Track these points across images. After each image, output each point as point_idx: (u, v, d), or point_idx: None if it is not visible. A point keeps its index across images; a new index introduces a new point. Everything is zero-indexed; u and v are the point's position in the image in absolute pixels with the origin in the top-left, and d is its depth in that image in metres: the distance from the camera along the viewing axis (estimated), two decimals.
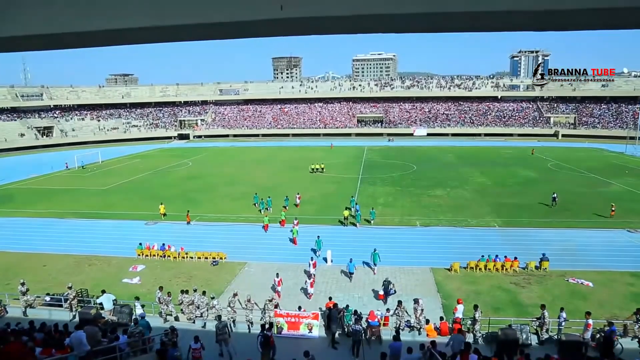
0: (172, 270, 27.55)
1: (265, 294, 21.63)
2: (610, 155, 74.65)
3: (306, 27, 5.49)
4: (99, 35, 5.57)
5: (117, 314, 18.65)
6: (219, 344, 16.32)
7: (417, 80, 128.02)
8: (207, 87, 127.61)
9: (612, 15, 4.75)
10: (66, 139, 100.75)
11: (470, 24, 5.40)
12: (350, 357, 16.59)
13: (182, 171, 64.73)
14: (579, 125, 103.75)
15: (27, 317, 18.55)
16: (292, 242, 31.77)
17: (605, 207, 37.90)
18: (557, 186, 47.89)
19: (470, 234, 33.83)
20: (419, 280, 25.22)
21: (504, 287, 24.37)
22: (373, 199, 44.69)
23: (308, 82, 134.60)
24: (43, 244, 32.32)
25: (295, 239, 31.64)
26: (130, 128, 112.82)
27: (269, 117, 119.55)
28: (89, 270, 27.61)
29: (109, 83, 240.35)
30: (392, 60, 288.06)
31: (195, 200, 45.12)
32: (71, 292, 20.35)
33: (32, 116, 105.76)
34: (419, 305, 18.71)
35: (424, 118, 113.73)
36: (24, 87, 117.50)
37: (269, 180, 56.06)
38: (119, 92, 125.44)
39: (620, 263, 27.08)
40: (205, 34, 5.80)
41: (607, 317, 19.35)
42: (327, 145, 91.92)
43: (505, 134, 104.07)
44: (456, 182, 52.75)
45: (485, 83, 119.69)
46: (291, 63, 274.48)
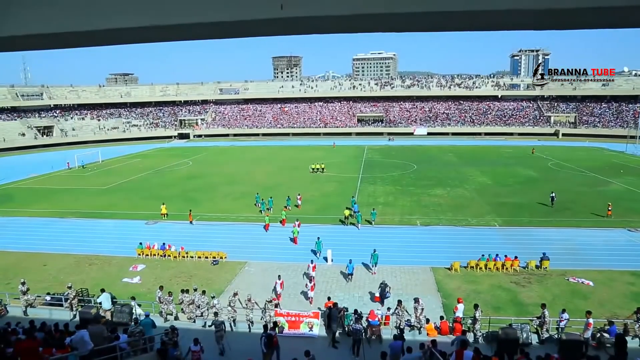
0: (173, 270, 27.57)
1: (266, 293, 21.63)
2: (611, 155, 74.63)
3: (306, 26, 5.50)
4: (99, 34, 5.58)
5: (117, 314, 18.66)
6: (217, 342, 16.44)
7: (418, 79, 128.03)
8: (207, 86, 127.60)
9: (613, 14, 4.76)
10: (66, 139, 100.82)
11: (470, 23, 5.41)
12: (350, 356, 16.61)
13: (182, 171, 64.75)
14: (580, 125, 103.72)
15: (28, 317, 18.58)
16: (293, 241, 31.80)
17: (605, 206, 37.88)
18: (558, 185, 47.90)
19: (471, 233, 33.84)
20: (419, 280, 25.23)
21: (505, 286, 24.38)
22: (373, 198, 44.70)
23: (308, 81, 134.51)
24: (43, 244, 32.34)
25: (295, 238, 31.67)
26: (130, 127, 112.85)
27: (269, 116, 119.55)
28: (89, 270, 27.63)
29: (109, 82, 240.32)
30: (392, 59, 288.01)
31: (196, 200, 45.13)
32: (71, 291, 20.36)
33: (32, 116, 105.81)
34: (419, 304, 18.68)
35: (424, 117, 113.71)
36: (24, 87, 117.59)
37: (269, 179, 56.08)
38: (119, 92, 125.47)
39: (621, 262, 27.09)
40: (206, 33, 5.81)
41: (607, 316, 19.38)
42: (327, 144, 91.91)
43: (505, 133, 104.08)
44: (456, 182, 52.76)
45: (485, 82, 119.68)
46: (291, 62, 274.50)
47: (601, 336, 16.59)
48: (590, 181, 51.75)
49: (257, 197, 42.16)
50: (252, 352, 15.10)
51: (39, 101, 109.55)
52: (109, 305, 19.11)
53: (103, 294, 19.74)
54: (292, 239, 31.97)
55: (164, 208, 39.15)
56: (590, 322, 16.63)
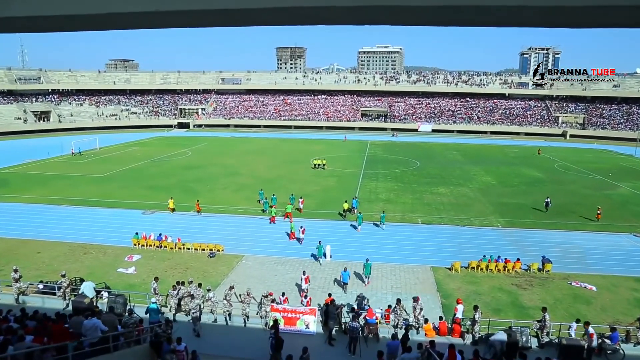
0: (169, 261, 27.63)
1: (263, 287, 21.68)
2: (620, 158, 74.49)
3: (312, 16, 5.48)
4: (101, 18, 5.57)
5: (111, 304, 18.72)
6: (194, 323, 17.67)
7: (424, 74, 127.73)
8: (208, 75, 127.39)
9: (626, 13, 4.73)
10: (63, 125, 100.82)
11: (479, 18, 5.39)
12: (346, 354, 16.68)
13: (181, 160, 64.78)
14: (588, 126, 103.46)
15: (20, 305, 18.65)
16: (289, 236, 31.60)
17: (612, 210, 37.83)
18: (563, 187, 47.83)
19: (473, 234, 33.85)
20: (418, 279, 25.28)
21: (505, 288, 24.42)
22: (375, 195, 44.73)
23: (312, 73, 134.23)
24: (37, 231, 32.41)
25: (292, 233, 31.49)
26: (129, 115, 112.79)
27: (271, 107, 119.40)
28: (84, 259, 27.71)
29: (108, 68, 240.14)
30: (398, 53, 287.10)
31: (194, 191, 45.17)
32: (65, 280, 20.41)
33: (28, 100, 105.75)
34: (417, 303, 18.71)
35: (429, 114, 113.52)
36: (21, 70, 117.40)
37: (270, 172, 56.10)
38: (118, 78, 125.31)
39: (625, 268, 27.10)
40: (209, 20, 5.80)
41: (609, 322, 19.38)
42: (329, 138, 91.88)
43: (512, 133, 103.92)
44: (460, 180, 52.74)
45: (493, 80, 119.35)
46: (295, 53, 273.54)
47: (602, 342, 16.61)
48: (596, 184, 51.68)
49: (260, 193, 40.88)
50: (248, 347, 15.15)
51: (36, 85, 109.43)
52: (92, 294, 19.15)
53: (84, 284, 19.83)
54: (288, 233, 31.89)
55: (171, 202, 37.91)
56: (592, 333, 16.34)
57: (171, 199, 38.47)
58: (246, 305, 18.84)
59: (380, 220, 34.58)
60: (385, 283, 24.71)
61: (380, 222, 34.52)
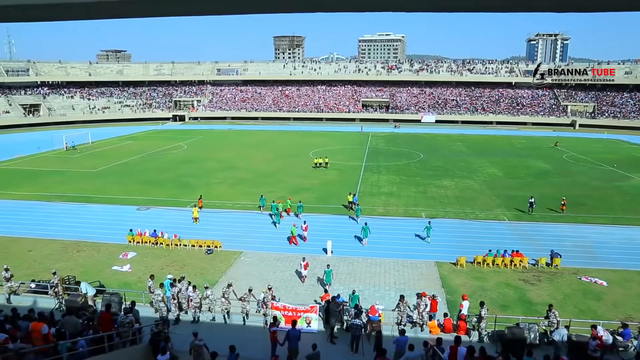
0: (165, 259, 27.67)
1: (261, 284, 21.71)
2: (632, 148, 74.42)
3: (311, 3, 5.45)
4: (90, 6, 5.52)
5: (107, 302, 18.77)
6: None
7: (427, 63, 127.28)
8: (204, 66, 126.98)
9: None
10: (53, 118, 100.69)
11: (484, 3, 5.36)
12: (348, 352, 16.76)
13: (177, 154, 64.76)
14: (598, 115, 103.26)
15: (11, 305, 18.69)
16: (289, 240, 30.32)
17: (624, 202, 37.75)
18: (573, 179, 47.74)
19: (478, 227, 33.89)
20: (422, 274, 25.33)
21: (513, 283, 24.47)
22: (377, 188, 44.74)
23: (311, 63, 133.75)
24: (29, 228, 32.41)
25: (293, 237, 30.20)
26: (122, 108, 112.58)
27: (269, 99, 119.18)
28: (77, 257, 27.76)
29: (100, 59, 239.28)
30: (400, 41, 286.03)
31: (190, 186, 45.20)
32: (56, 278, 20.35)
33: (17, 92, 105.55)
34: (422, 300, 18.76)
35: (433, 104, 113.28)
36: (8, 61, 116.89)
37: (268, 165, 56.11)
38: (110, 69, 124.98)
39: (637, 262, 27.09)
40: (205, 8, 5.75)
41: (621, 318, 19.45)
42: (328, 130, 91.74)
43: (518, 123, 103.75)
44: (465, 172, 52.74)
45: (499, 68, 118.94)
46: (294, 42, 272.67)
47: (614, 339, 16.62)
48: (607, 175, 51.64)
49: (262, 200, 37.39)
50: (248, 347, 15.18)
51: (24, 77, 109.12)
52: (92, 292, 19.23)
53: (82, 284, 19.94)
54: (289, 238, 30.55)
55: (195, 211, 34.46)
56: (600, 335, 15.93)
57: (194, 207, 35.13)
58: (246, 303, 18.89)
59: (356, 214, 34.53)
60: (387, 279, 24.77)
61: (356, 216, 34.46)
